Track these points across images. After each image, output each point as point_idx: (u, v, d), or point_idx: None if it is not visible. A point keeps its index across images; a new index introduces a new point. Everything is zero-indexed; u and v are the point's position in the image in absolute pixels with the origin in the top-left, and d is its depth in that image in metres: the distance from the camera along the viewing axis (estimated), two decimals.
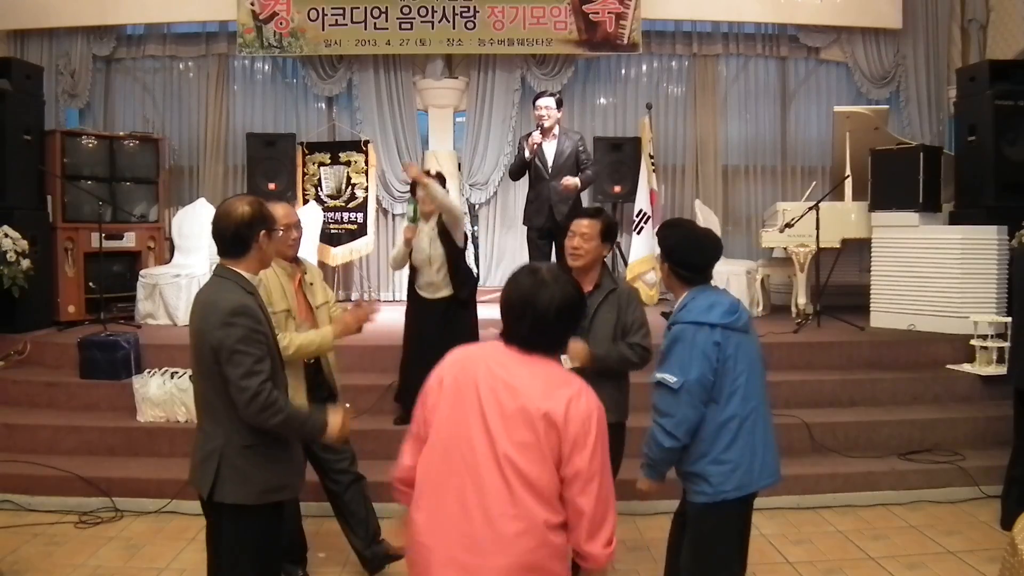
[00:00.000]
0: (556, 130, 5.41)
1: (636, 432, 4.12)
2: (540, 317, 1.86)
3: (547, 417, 1.77)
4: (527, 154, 5.31)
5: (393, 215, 7.55)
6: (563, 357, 3.10)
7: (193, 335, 2.32)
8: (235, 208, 2.36)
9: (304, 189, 7.15)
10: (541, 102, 5.44)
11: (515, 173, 5.55)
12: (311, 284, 3.28)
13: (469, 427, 1.82)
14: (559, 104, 5.44)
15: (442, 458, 1.85)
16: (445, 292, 4.41)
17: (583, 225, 3.12)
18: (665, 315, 2.69)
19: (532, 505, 1.77)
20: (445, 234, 4.37)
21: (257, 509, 2.30)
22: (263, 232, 2.37)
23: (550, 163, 5.36)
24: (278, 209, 3.01)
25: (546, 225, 5.25)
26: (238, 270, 2.35)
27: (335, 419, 2.42)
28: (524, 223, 5.50)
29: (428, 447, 1.89)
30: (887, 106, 7.21)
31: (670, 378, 2.43)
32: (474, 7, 7.06)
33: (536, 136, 5.32)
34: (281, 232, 2.72)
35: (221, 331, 2.21)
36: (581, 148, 5.47)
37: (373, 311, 3.16)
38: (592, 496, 1.79)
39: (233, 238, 2.35)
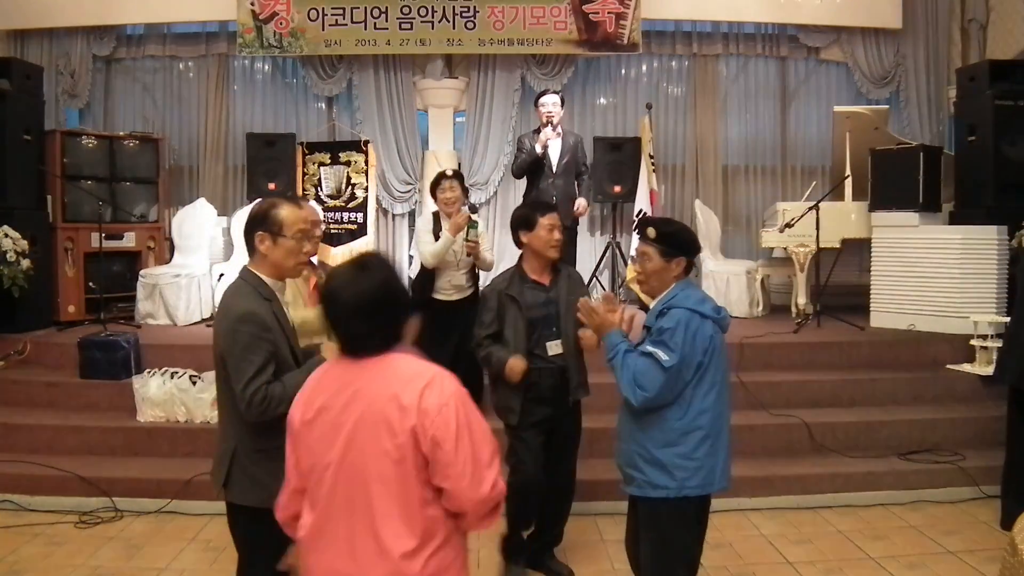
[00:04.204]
0: (559, 129, 5.45)
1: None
2: (344, 318, 1.76)
3: (401, 419, 1.67)
4: (539, 149, 5.30)
5: (393, 215, 7.55)
6: (555, 343, 3.26)
7: (213, 337, 2.38)
8: (251, 209, 2.43)
9: (304, 189, 7.14)
10: (547, 99, 5.48)
11: (522, 171, 5.51)
12: None
13: (329, 449, 1.72)
14: (563, 101, 5.52)
15: (316, 485, 1.76)
16: (468, 292, 4.47)
17: (556, 219, 3.38)
18: (644, 307, 2.72)
19: (401, 521, 1.67)
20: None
21: (268, 512, 2.28)
22: (261, 234, 2.36)
23: (555, 161, 5.39)
24: (284, 211, 3.00)
25: None
26: (259, 274, 2.38)
27: (329, 351, 2.40)
28: None
29: (306, 478, 1.80)
30: (887, 106, 7.20)
31: (663, 355, 2.42)
32: (474, 7, 7.06)
33: (549, 132, 5.32)
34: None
35: (227, 339, 2.27)
36: (580, 150, 5.52)
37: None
38: (466, 491, 1.69)
39: (244, 238, 2.40)
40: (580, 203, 5.45)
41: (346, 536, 1.70)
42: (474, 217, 4.36)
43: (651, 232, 2.61)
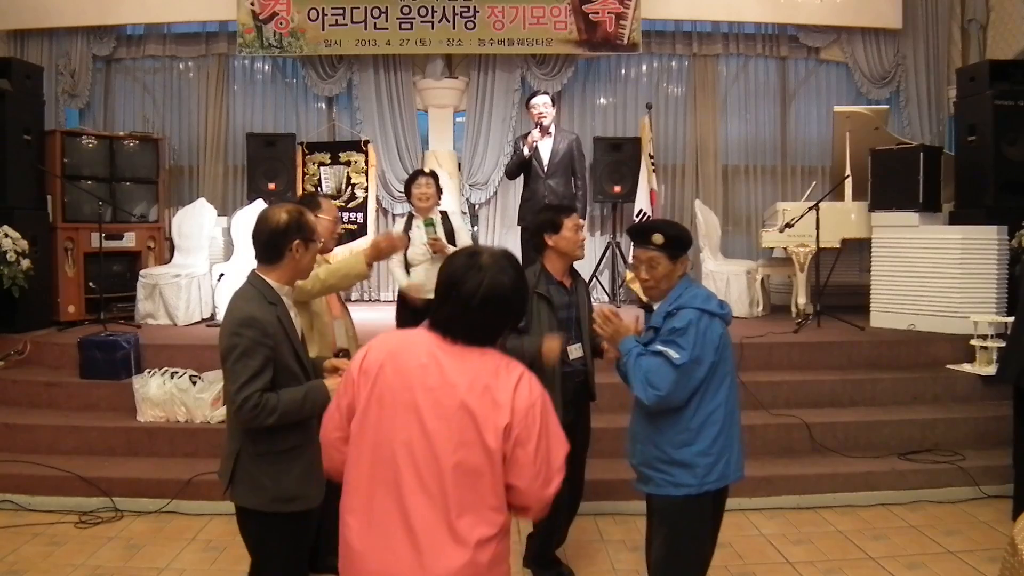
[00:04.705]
0: (552, 128, 5.48)
1: (625, 433, 4.15)
2: (463, 302, 1.71)
3: (494, 414, 1.65)
4: (526, 151, 5.37)
5: (393, 215, 7.55)
6: (576, 347, 3.24)
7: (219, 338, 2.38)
8: (273, 215, 2.39)
9: (304, 189, 7.14)
10: (537, 100, 5.52)
11: (512, 172, 5.65)
12: None
13: (404, 428, 1.67)
14: (553, 102, 5.54)
15: (372, 461, 1.70)
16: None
17: (580, 220, 3.38)
18: (645, 306, 2.71)
19: (476, 510, 1.65)
20: (450, 235, 4.39)
21: (272, 516, 2.31)
22: (298, 242, 2.38)
23: (546, 161, 5.44)
24: (329, 204, 3.16)
25: None
26: (268, 279, 2.38)
27: (332, 381, 2.39)
28: (519, 222, 5.52)
29: (355, 447, 1.74)
30: (887, 106, 7.21)
31: (673, 353, 2.43)
32: (474, 7, 7.06)
33: (536, 134, 5.37)
34: (318, 243, 2.62)
35: (227, 341, 2.27)
36: (577, 150, 5.54)
37: (402, 239, 3.06)
38: (536, 491, 1.71)
39: (267, 244, 2.38)
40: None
41: (408, 524, 1.66)
42: (446, 213, 4.41)
43: (658, 238, 2.57)
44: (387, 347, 1.77)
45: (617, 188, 7.19)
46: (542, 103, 5.49)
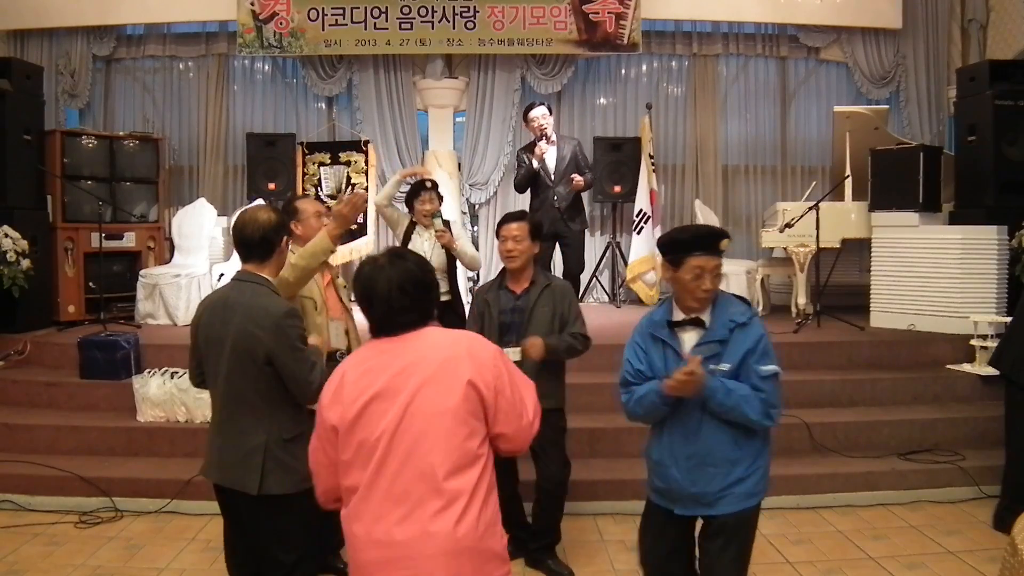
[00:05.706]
0: (553, 136, 5.48)
1: (624, 433, 4.14)
2: (384, 301, 1.89)
3: (453, 376, 1.82)
4: (535, 163, 5.37)
5: None
6: (514, 350, 3.19)
7: (235, 338, 2.39)
8: (260, 215, 2.52)
9: (304, 189, 7.15)
10: (536, 113, 5.50)
11: (522, 186, 5.62)
12: (344, 287, 3.34)
13: (380, 420, 1.80)
14: (550, 109, 5.57)
15: (360, 459, 1.82)
16: (443, 298, 4.33)
17: (512, 228, 3.31)
18: (692, 321, 2.47)
19: (463, 472, 1.79)
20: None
21: (296, 497, 2.43)
22: (286, 237, 2.58)
23: (552, 170, 5.43)
24: (305, 204, 3.26)
25: (554, 229, 5.33)
26: (264, 275, 2.49)
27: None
28: None
29: (343, 454, 1.85)
30: (887, 106, 7.21)
31: (775, 368, 2.39)
32: (474, 7, 7.06)
33: (543, 145, 5.37)
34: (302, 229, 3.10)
35: (275, 334, 2.36)
36: (580, 153, 5.55)
37: (363, 196, 3.07)
38: (524, 431, 1.93)
39: (261, 242, 2.48)
40: (576, 177, 5.44)
41: (400, 501, 1.78)
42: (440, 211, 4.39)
43: (726, 243, 2.41)
44: (346, 365, 1.93)
45: (617, 188, 7.19)
46: (541, 115, 5.48)
